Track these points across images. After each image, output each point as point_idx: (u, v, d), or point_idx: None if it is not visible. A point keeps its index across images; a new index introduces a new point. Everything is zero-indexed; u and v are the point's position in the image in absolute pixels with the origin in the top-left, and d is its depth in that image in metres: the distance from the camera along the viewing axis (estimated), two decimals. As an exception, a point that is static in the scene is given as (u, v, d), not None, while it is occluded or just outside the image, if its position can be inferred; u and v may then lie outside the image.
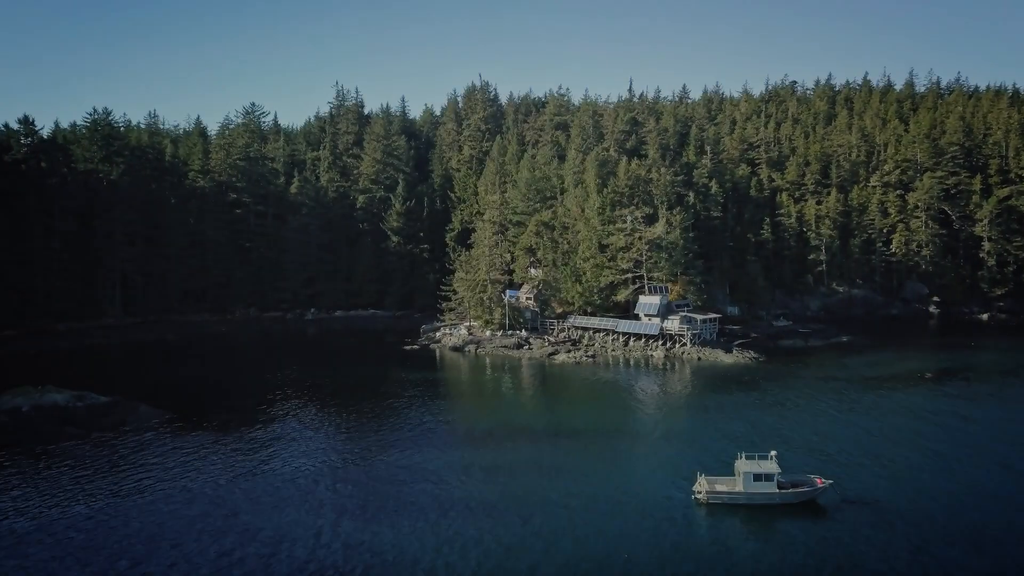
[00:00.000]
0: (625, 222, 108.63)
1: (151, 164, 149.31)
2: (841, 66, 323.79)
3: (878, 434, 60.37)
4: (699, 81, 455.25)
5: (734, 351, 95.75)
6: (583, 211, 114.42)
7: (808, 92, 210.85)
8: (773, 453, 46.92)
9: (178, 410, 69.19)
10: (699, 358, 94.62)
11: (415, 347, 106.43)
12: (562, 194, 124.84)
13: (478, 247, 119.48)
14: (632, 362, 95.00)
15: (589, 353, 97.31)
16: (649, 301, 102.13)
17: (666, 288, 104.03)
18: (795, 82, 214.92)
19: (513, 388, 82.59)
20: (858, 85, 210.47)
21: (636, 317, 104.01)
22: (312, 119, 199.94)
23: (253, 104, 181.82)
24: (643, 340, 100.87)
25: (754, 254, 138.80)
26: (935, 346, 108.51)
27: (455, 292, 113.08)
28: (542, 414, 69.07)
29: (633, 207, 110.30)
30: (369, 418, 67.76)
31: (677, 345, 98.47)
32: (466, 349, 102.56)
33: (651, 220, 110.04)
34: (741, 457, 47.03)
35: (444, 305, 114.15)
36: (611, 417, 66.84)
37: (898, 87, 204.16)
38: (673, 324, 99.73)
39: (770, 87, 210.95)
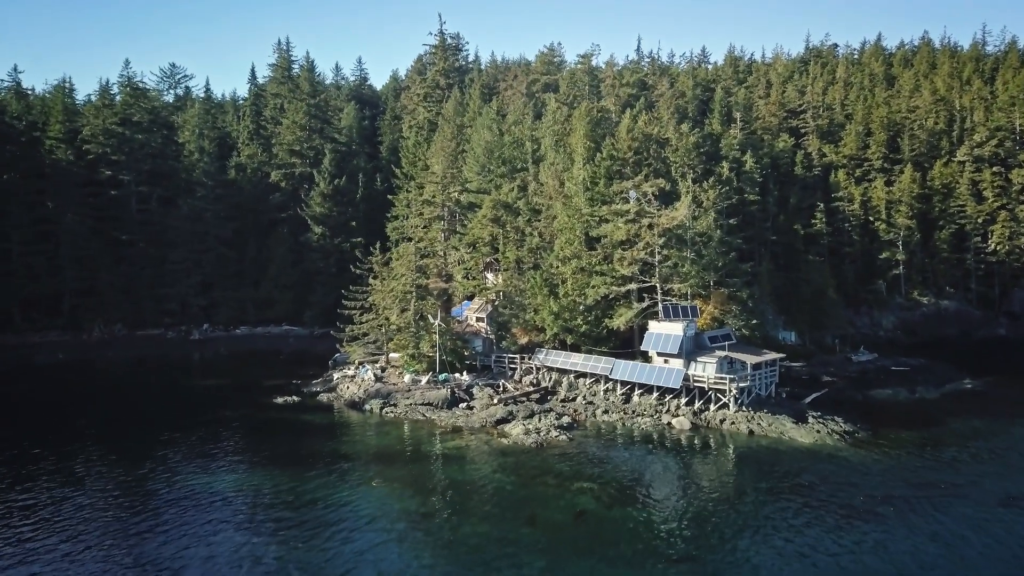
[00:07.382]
0: (627, 201, 68.89)
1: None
2: (888, 28, 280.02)
3: None
4: (719, 46, 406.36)
5: (809, 418, 56.59)
6: (563, 185, 74.88)
7: (854, 54, 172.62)
8: None
9: None
10: (751, 431, 55.43)
11: (292, 399, 67.10)
12: (536, 165, 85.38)
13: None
14: (636, 438, 55.84)
15: (563, 421, 57.95)
16: (665, 331, 61.91)
17: (693, 309, 63.67)
18: (836, 44, 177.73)
19: (405, 535, 39.68)
20: (915, 46, 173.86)
21: (645, 356, 64.50)
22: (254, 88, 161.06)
23: (173, 65, 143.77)
24: (656, 395, 61.68)
25: (805, 251, 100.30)
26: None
27: (367, 309, 73.44)
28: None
29: (640, 178, 70.33)
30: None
31: (713, 406, 59.16)
32: (367, 407, 63.51)
33: (667, 200, 70.66)
34: None
35: (346, 330, 73.81)
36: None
37: (964, 48, 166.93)
38: (706, 370, 59.83)
39: (810, 47, 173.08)
